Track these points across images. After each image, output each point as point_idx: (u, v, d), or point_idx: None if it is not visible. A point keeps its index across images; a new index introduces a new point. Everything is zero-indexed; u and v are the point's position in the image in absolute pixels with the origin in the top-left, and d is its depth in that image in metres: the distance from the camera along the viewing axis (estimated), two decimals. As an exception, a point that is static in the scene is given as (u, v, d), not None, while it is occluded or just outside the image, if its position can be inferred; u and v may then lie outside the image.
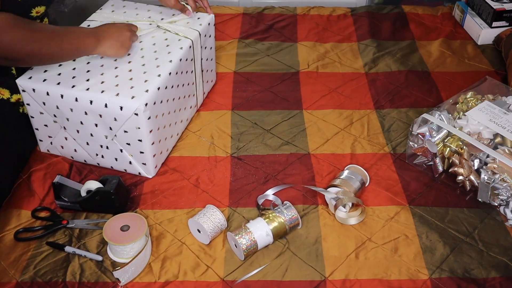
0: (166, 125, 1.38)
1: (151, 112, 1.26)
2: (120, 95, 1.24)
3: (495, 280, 1.14)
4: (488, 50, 1.93)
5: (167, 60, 1.36)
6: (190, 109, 1.54)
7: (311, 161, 1.44)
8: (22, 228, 1.24)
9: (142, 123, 1.25)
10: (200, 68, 1.54)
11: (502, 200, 1.26)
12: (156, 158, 1.37)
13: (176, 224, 1.26)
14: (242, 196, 1.34)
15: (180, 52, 1.40)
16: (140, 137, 1.28)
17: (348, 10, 2.18)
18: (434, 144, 1.35)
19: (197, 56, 1.50)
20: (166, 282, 1.13)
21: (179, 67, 1.38)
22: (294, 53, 1.91)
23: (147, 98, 1.24)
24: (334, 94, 1.70)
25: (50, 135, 1.38)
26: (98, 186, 1.25)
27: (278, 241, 1.22)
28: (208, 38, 1.57)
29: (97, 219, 1.26)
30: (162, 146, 1.39)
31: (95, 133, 1.31)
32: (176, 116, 1.44)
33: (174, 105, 1.40)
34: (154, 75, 1.30)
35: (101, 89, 1.25)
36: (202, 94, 1.62)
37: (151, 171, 1.37)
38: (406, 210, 1.30)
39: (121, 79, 1.29)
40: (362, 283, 1.13)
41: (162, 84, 1.30)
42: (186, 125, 1.54)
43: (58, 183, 1.26)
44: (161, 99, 1.31)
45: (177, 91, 1.41)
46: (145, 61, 1.35)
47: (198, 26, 1.51)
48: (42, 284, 1.13)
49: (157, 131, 1.32)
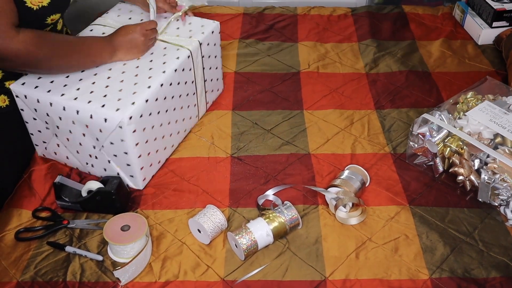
0: (158, 137, 1.34)
1: (137, 125, 1.22)
2: (106, 107, 1.21)
3: (496, 280, 1.14)
4: (488, 50, 1.93)
5: (161, 70, 1.32)
6: (190, 120, 1.50)
7: (312, 161, 1.44)
8: (23, 228, 1.24)
9: (127, 136, 1.22)
10: (201, 78, 1.50)
11: (502, 200, 1.26)
12: (145, 171, 1.33)
13: (177, 224, 1.26)
14: (242, 196, 1.34)
15: (176, 62, 1.35)
16: (126, 150, 1.25)
17: (349, 10, 2.18)
18: (435, 144, 1.35)
19: (197, 66, 1.45)
20: (166, 282, 1.14)
21: (173, 78, 1.34)
22: (294, 53, 1.91)
23: (132, 111, 1.20)
24: (335, 94, 1.70)
25: (44, 141, 1.38)
26: (99, 186, 1.25)
27: (279, 241, 1.22)
28: (213, 46, 1.52)
29: (97, 219, 1.26)
30: (152, 159, 1.35)
31: (83, 142, 1.29)
32: (172, 127, 1.40)
33: (167, 117, 1.36)
34: (144, 87, 1.26)
35: (88, 99, 1.23)
36: (205, 104, 1.57)
37: (139, 183, 1.34)
38: (406, 210, 1.30)
39: (110, 90, 1.26)
40: (362, 283, 1.13)
41: (152, 96, 1.26)
42: (184, 136, 1.50)
43: (59, 183, 1.27)
44: (150, 111, 1.27)
45: (172, 102, 1.36)
46: (139, 71, 1.32)
47: (200, 34, 1.46)
48: (43, 283, 1.13)
49: (145, 144, 1.28)
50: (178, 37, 1.45)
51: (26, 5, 1.19)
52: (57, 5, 1.26)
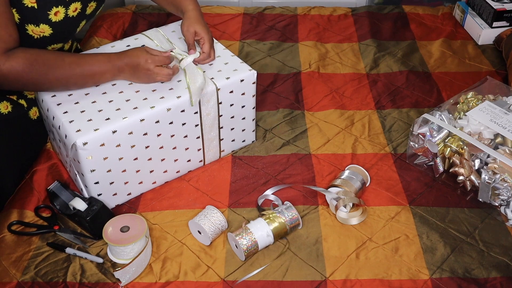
0: (129, 170, 1.25)
1: (94, 153, 1.16)
2: (73, 123, 1.16)
3: (496, 280, 1.13)
4: (488, 50, 1.93)
5: (151, 105, 1.21)
6: (188, 163, 1.37)
7: (312, 162, 1.44)
8: (16, 220, 1.24)
9: (81, 159, 1.16)
10: (214, 125, 1.35)
11: (503, 200, 1.26)
12: (105, 198, 1.25)
13: (176, 225, 1.26)
14: (242, 196, 1.34)
15: (173, 101, 1.23)
16: (82, 172, 1.20)
17: (349, 10, 2.18)
18: (435, 144, 1.35)
19: (207, 111, 1.31)
20: (166, 282, 1.14)
21: (164, 116, 1.23)
22: (295, 53, 1.91)
23: (91, 137, 1.14)
24: (336, 94, 1.70)
25: (52, 138, 1.39)
26: (81, 207, 1.21)
27: (279, 241, 1.22)
28: (239, 96, 1.35)
29: (86, 237, 1.22)
30: (117, 189, 1.27)
31: (61, 149, 1.27)
32: (155, 165, 1.29)
33: (147, 153, 1.26)
34: (120, 116, 1.18)
35: (66, 109, 1.20)
36: (217, 152, 1.43)
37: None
38: (406, 210, 1.30)
39: (92, 107, 1.20)
40: (363, 283, 1.13)
41: (124, 128, 1.17)
42: (176, 177, 1.38)
43: (52, 190, 1.26)
44: (119, 142, 1.18)
45: (157, 139, 1.25)
46: (133, 97, 1.23)
47: (224, 79, 1.31)
48: (43, 284, 1.13)
49: (106, 172, 1.21)
50: (204, 72, 1.30)
51: (27, 33, 1.19)
52: (59, 36, 1.26)
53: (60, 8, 1.21)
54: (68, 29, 1.28)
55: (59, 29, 1.24)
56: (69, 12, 1.24)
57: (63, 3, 1.22)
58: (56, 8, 1.21)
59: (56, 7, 1.20)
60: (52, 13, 1.20)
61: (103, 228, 1.17)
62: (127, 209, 1.31)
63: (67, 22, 1.25)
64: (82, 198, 1.24)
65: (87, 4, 1.29)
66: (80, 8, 1.27)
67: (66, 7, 1.23)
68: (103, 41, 1.91)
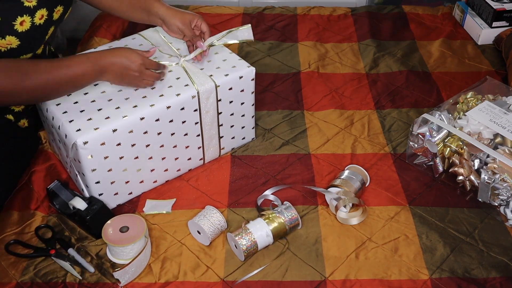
0: (130, 169, 1.25)
1: (95, 152, 1.16)
2: (73, 123, 1.16)
3: (496, 280, 1.13)
4: (488, 50, 1.93)
5: (151, 103, 1.21)
6: (188, 161, 1.37)
7: (312, 161, 1.44)
8: (13, 239, 1.21)
9: (82, 159, 1.16)
10: (213, 122, 1.35)
11: (502, 200, 1.26)
12: (106, 198, 1.25)
13: (176, 225, 1.26)
14: (241, 196, 1.34)
15: (173, 99, 1.23)
16: (83, 172, 1.19)
17: (348, 10, 2.18)
18: (434, 144, 1.35)
19: (207, 108, 1.31)
20: (166, 282, 1.14)
21: (164, 114, 1.23)
22: (295, 53, 1.91)
23: (90, 137, 1.14)
24: (335, 94, 1.70)
25: (51, 138, 1.38)
26: (81, 206, 1.21)
27: (278, 241, 1.22)
28: (239, 93, 1.36)
29: (82, 262, 1.18)
30: (119, 189, 1.27)
31: (62, 149, 1.27)
32: (155, 163, 1.30)
33: (148, 151, 1.26)
34: (120, 115, 1.18)
35: (66, 109, 1.19)
36: (217, 150, 1.43)
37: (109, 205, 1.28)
38: (406, 210, 1.30)
39: (92, 106, 1.20)
40: (363, 283, 1.13)
41: (124, 127, 1.17)
42: (176, 176, 1.38)
43: (52, 190, 1.26)
44: (119, 141, 1.18)
45: (158, 138, 1.25)
46: (132, 95, 1.23)
47: (223, 76, 1.31)
48: (42, 285, 1.13)
49: (106, 172, 1.21)
50: (202, 70, 1.32)
51: None
52: (27, 47, 1.20)
53: (26, 17, 1.14)
54: (36, 38, 1.22)
55: (27, 39, 1.17)
56: (36, 20, 1.17)
57: (28, 11, 1.15)
58: (21, 17, 1.14)
59: (21, 17, 1.13)
60: (17, 23, 1.13)
61: (103, 228, 1.16)
62: (127, 209, 1.31)
63: (34, 31, 1.18)
64: (82, 197, 1.23)
65: (53, 9, 1.21)
66: (46, 14, 1.19)
67: (31, 15, 1.16)
68: (103, 41, 1.91)
